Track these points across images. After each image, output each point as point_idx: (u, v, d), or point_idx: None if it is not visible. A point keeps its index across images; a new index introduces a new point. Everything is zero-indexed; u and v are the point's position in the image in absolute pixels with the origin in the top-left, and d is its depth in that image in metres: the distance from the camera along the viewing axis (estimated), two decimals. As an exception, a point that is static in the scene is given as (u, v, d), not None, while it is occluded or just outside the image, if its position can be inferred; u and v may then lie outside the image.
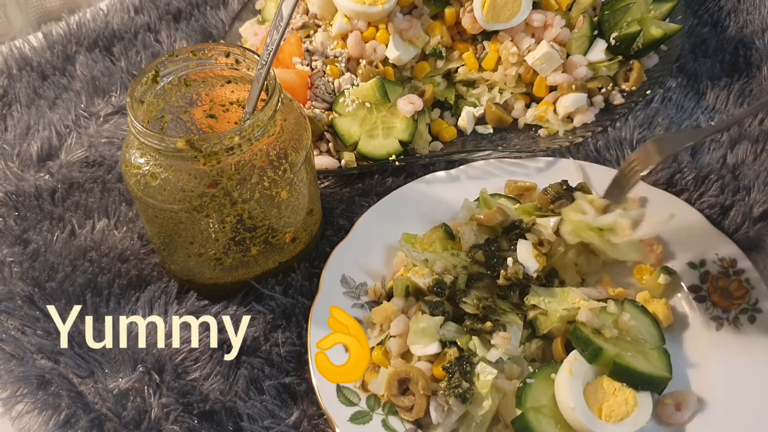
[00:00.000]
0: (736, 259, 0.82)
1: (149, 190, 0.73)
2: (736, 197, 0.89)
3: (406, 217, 0.87)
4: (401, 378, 0.73)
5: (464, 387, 0.71)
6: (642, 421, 0.70)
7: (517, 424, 0.70)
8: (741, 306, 0.79)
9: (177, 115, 0.79)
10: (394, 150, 0.95)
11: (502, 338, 0.74)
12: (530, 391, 0.71)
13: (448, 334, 0.75)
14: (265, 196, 0.75)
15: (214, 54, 0.78)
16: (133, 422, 0.74)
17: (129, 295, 0.83)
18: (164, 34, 1.13)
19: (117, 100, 1.04)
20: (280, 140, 0.75)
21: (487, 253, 0.79)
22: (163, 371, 0.77)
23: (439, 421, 0.72)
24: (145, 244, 0.88)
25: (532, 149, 0.95)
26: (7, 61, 1.09)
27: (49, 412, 0.75)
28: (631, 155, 0.83)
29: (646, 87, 0.99)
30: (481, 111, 1.01)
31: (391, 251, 0.85)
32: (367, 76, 0.97)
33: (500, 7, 0.96)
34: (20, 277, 0.84)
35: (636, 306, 0.78)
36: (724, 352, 0.77)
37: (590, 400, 0.71)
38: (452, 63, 1.02)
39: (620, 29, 0.99)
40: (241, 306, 0.83)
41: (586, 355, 0.72)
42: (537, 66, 0.98)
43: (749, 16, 1.09)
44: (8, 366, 0.78)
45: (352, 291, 0.82)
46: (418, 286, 0.78)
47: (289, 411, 0.76)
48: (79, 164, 0.95)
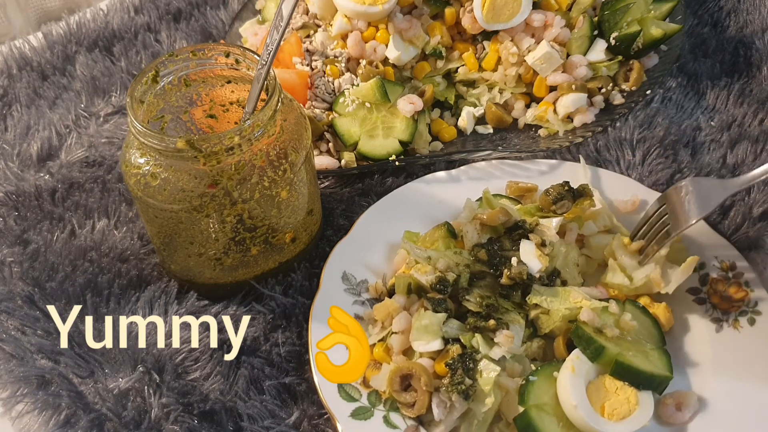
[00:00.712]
0: (736, 262, 0.82)
1: (149, 190, 0.73)
2: (736, 197, 0.88)
3: (407, 217, 0.87)
4: (403, 374, 0.73)
5: (467, 384, 0.71)
6: (644, 420, 0.70)
7: (520, 421, 0.70)
8: (740, 308, 0.79)
9: (177, 115, 0.79)
10: (394, 150, 0.95)
11: (505, 336, 0.74)
12: (533, 389, 0.71)
13: (451, 331, 0.75)
14: (265, 196, 0.75)
15: (214, 54, 0.78)
16: (133, 422, 0.74)
17: (129, 295, 0.83)
18: (164, 34, 1.13)
19: (117, 100, 1.04)
20: (280, 140, 0.75)
21: (490, 252, 0.79)
22: (163, 371, 0.77)
23: (441, 417, 0.72)
24: (145, 244, 0.88)
25: (532, 149, 0.95)
26: (7, 61, 1.09)
27: (49, 412, 0.75)
28: (662, 197, 0.82)
29: (646, 87, 0.99)
30: (481, 111, 1.01)
31: (391, 249, 0.85)
32: (367, 76, 0.96)
33: (500, 7, 0.96)
34: (20, 277, 0.84)
35: (637, 306, 0.78)
36: (724, 354, 0.77)
37: (592, 398, 0.71)
38: (452, 63, 1.02)
39: (620, 29, 0.99)
40: (241, 306, 0.83)
41: (588, 353, 0.72)
42: (537, 66, 0.98)
43: (749, 16, 1.09)
44: (8, 366, 0.78)
45: (353, 288, 0.82)
46: (420, 283, 0.78)
47: (289, 411, 0.76)
48: (79, 164, 0.95)
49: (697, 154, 0.94)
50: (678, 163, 0.93)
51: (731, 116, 0.98)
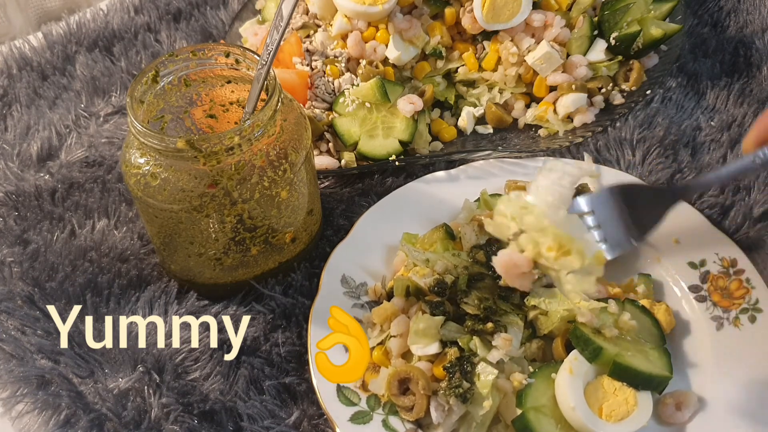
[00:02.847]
0: (737, 259, 0.82)
1: (149, 190, 0.73)
2: (736, 197, 0.89)
3: (406, 217, 0.87)
4: (401, 378, 0.73)
5: (465, 387, 0.71)
6: (642, 421, 0.70)
7: (518, 423, 0.70)
8: (741, 306, 0.79)
9: (177, 115, 0.79)
10: (394, 150, 0.95)
11: (503, 340, 0.74)
12: (530, 391, 0.71)
13: (449, 334, 0.75)
14: (265, 196, 0.75)
15: (214, 54, 0.77)
16: (133, 422, 0.74)
17: (129, 295, 0.83)
18: (164, 34, 1.13)
19: (117, 100, 1.04)
20: (280, 140, 0.75)
21: (488, 254, 0.79)
22: (163, 371, 0.77)
23: (440, 420, 0.71)
24: (145, 244, 0.88)
25: (532, 149, 0.95)
26: (7, 61, 1.09)
27: (49, 412, 0.75)
28: None
29: (646, 87, 0.99)
30: (481, 111, 1.01)
31: (391, 251, 0.85)
32: (367, 76, 0.96)
33: (500, 7, 0.96)
34: (20, 277, 0.84)
35: (636, 306, 0.78)
36: (725, 352, 0.77)
37: (590, 399, 0.71)
38: (452, 63, 1.02)
39: (620, 29, 0.99)
40: (241, 306, 0.83)
41: (587, 354, 0.72)
42: (537, 66, 0.98)
43: (749, 16, 1.09)
44: (8, 366, 0.78)
45: (353, 291, 0.82)
46: (418, 286, 0.78)
47: (289, 411, 0.76)
48: (79, 164, 0.95)
49: (697, 154, 0.94)
50: (678, 163, 0.93)
51: (731, 116, 0.98)
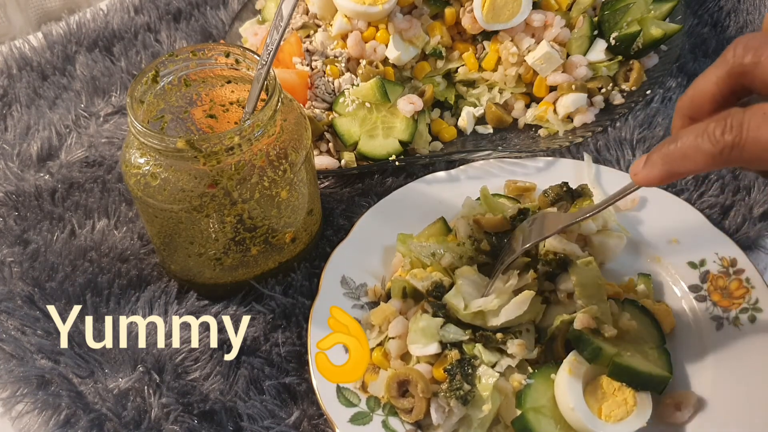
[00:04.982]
0: (737, 259, 0.82)
1: (149, 190, 0.73)
2: (736, 197, 0.89)
3: (407, 218, 0.87)
4: (400, 380, 0.73)
5: (465, 389, 0.71)
6: (642, 421, 0.70)
7: (517, 424, 0.70)
8: (741, 306, 0.79)
9: (177, 115, 0.79)
10: (394, 150, 0.95)
11: (518, 346, 0.73)
12: (530, 392, 0.71)
13: (448, 335, 0.75)
14: (265, 196, 0.75)
15: (214, 54, 0.77)
16: (133, 422, 0.74)
17: (129, 295, 0.83)
18: (164, 34, 1.13)
19: (117, 100, 1.04)
20: (280, 140, 0.75)
21: (492, 243, 0.78)
22: (163, 371, 0.77)
23: (440, 422, 0.71)
24: (145, 244, 0.88)
25: (532, 149, 0.95)
26: (7, 61, 1.09)
27: (49, 412, 0.75)
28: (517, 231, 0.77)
29: (646, 87, 0.99)
30: (481, 111, 1.01)
31: (391, 252, 0.85)
32: (367, 76, 0.96)
33: (500, 7, 0.96)
34: (20, 277, 0.84)
35: (636, 306, 0.78)
36: (725, 352, 0.77)
37: (590, 400, 0.70)
38: (452, 63, 1.02)
39: (620, 29, 0.99)
40: (241, 306, 0.83)
41: (586, 355, 0.72)
42: (537, 66, 0.98)
43: (749, 16, 1.09)
44: (8, 366, 0.78)
45: (352, 292, 0.82)
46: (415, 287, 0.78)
47: (289, 411, 0.76)
48: (79, 164, 0.95)
49: (697, 154, 0.94)
50: (678, 163, 0.93)
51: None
